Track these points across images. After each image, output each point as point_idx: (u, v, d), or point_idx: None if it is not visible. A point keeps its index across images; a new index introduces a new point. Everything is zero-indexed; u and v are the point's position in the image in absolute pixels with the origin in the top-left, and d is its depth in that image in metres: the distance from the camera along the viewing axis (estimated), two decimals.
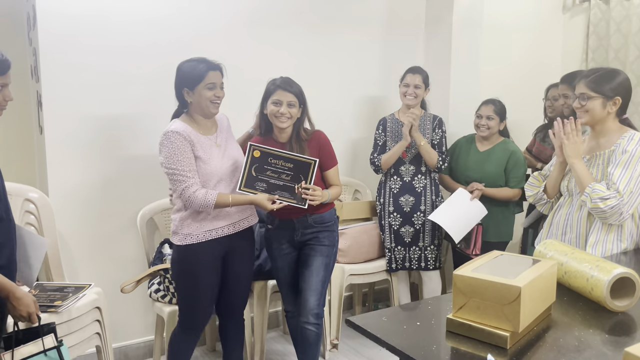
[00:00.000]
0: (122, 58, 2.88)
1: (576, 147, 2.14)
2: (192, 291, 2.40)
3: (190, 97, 2.32)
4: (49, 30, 2.70)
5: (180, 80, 2.34)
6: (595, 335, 1.42)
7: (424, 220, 3.28)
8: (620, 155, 2.04)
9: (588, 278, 1.58)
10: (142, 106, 2.95)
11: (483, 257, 1.54)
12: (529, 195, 2.45)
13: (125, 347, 3.07)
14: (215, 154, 2.36)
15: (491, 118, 3.17)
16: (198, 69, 2.29)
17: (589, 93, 2.11)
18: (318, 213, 2.53)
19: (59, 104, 2.76)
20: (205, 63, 2.32)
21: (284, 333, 3.52)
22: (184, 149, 2.26)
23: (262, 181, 2.39)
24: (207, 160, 2.32)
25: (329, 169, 2.56)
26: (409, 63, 3.41)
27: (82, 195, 2.86)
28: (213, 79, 2.31)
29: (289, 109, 2.44)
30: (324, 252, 2.56)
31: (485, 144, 3.26)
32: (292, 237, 2.57)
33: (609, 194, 1.98)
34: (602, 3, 3.89)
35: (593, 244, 2.08)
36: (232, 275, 2.49)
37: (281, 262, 2.64)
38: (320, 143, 2.52)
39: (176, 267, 2.42)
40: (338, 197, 2.62)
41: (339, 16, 3.55)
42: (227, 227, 2.40)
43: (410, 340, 1.38)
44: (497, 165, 3.18)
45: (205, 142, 2.34)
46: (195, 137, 2.31)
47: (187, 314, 2.44)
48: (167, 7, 2.98)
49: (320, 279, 2.55)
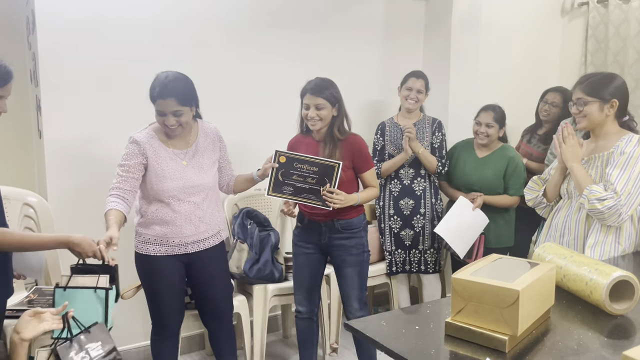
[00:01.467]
0: (121, 63, 2.88)
1: (574, 150, 2.15)
2: (155, 294, 2.43)
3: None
4: (49, 35, 2.71)
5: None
6: (594, 339, 1.42)
7: (423, 224, 3.28)
8: (618, 157, 2.05)
9: (587, 281, 1.58)
10: (141, 111, 2.94)
11: (481, 260, 1.53)
12: (528, 199, 2.44)
13: (125, 352, 3.06)
14: (174, 171, 2.34)
15: (490, 126, 3.13)
16: (151, 93, 2.25)
17: (585, 98, 2.12)
18: (345, 218, 2.54)
19: (58, 108, 2.77)
20: (158, 88, 2.22)
21: (283, 337, 3.52)
22: (133, 157, 2.29)
23: (289, 185, 2.43)
24: (161, 177, 2.31)
25: (364, 172, 2.56)
26: (409, 67, 3.42)
27: (81, 199, 2.85)
28: (162, 107, 2.24)
29: (317, 112, 2.46)
30: (354, 262, 2.57)
31: (483, 150, 3.23)
32: (319, 240, 2.59)
33: (606, 195, 1.98)
34: (600, 6, 3.90)
35: (592, 245, 2.08)
36: (200, 282, 2.50)
37: (302, 261, 2.65)
38: (354, 146, 2.53)
39: (138, 269, 2.45)
40: (373, 199, 2.63)
41: (338, 20, 3.56)
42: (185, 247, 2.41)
43: (409, 344, 1.38)
44: (496, 171, 3.15)
45: (166, 156, 2.34)
46: (156, 150, 2.32)
47: (155, 314, 2.47)
48: (167, 13, 2.98)
49: (357, 286, 2.61)
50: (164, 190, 2.32)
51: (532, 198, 2.41)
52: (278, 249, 3.10)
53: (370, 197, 2.59)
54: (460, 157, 3.30)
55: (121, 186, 2.28)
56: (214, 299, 2.54)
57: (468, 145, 3.32)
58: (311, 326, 2.74)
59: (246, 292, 3.06)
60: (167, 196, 2.33)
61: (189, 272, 2.46)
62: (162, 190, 2.32)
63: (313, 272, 2.66)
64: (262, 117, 3.35)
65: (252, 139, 3.30)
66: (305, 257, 2.65)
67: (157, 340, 2.50)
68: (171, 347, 2.53)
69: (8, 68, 1.74)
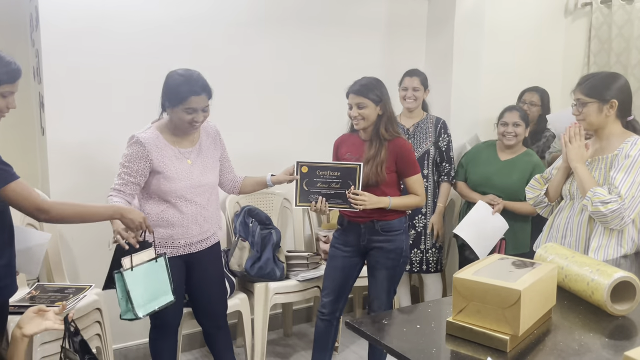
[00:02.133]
0: (124, 60, 2.89)
1: (579, 151, 2.13)
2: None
3: (169, 113, 2.29)
4: (52, 32, 2.71)
5: (164, 91, 2.28)
6: (595, 339, 1.42)
7: (425, 223, 3.27)
8: (622, 160, 2.04)
9: (588, 282, 1.58)
10: (144, 108, 2.95)
11: (483, 260, 1.54)
12: (529, 197, 2.43)
13: (126, 349, 3.07)
14: (181, 170, 2.32)
15: (518, 125, 3.09)
16: (181, 90, 2.20)
17: (584, 99, 2.11)
18: (385, 219, 2.52)
19: (61, 105, 2.77)
20: (189, 85, 2.20)
21: (284, 335, 3.52)
22: (137, 161, 2.24)
23: (315, 194, 2.44)
24: (168, 177, 2.28)
25: (408, 177, 2.54)
26: (411, 66, 3.41)
27: (84, 196, 2.85)
28: (194, 104, 2.21)
29: (359, 111, 2.47)
30: (388, 266, 2.55)
31: (507, 153, 3.18)
32: (358, 242, 2.57)
33: (610, 198, 1.97)
34: (603, 7, 3.89)
35: (595, 249, 2.07)
36: (200, 281, 2.48)
37: (337, 262, 2.63)
38: (398, 150, 2.50)
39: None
40: (413, 207, 2.59)
41: (340, 19, 3.56)
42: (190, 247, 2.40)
43: (410, 343, 1.38)
44: (520, 177, 3.06)
45: (172, 156, 2.31)
46: (162, 150, 2.28)
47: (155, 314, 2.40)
48: (169, 12, 2.99)
49: (385, 290, 2.58)
50: (172, 190, 2.29)
51: (534, 197, 2.40)
52: (279, 247, 3.11)
53: (410, 205, 2.54)
54: (481, 159, 3.25)
55: (122, 189, 2.25)
56: (209, 297, 2.54)
57: (490, 147, 3.26)
58: (329, 329, 2.69)
59: (247, 290, 3.07)
60: (174, 196, 2.30)
61: (188, 271, 2.45)
62: (169, 191, 2.29)
63: (346, 275, 2.62)
64: (264, 118, 3.35)
65: (254, 139, 3.31)
66: (341, 260, 2.61)
67: (156, 340, 2.48)
68: (171, 346, 2.52)
69: (17, 65, 1.77)
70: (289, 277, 3.10)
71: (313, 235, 3.57)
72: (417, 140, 3.25)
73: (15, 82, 1.79)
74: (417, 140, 3.25)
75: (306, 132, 3.51)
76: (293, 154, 3.40)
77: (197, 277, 2.47)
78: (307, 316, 3.72)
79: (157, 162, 2.27)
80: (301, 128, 3.49)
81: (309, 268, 3.16)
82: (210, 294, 2.54)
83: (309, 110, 3.51)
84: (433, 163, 3.28)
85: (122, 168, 2.27)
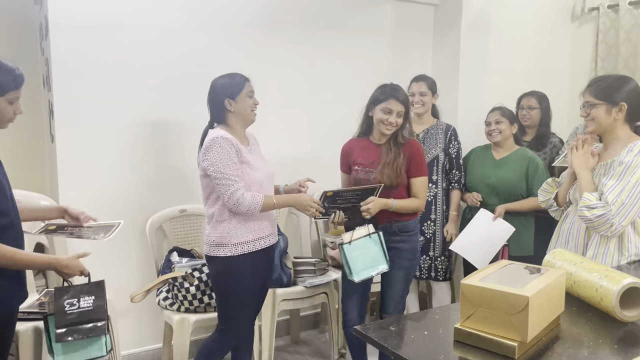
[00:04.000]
0: (132, 68, 2.91)
1: (584, 157, 2.12)
2: (240, 300, 2.41)
3: (233, 107, 2.37)
4: (61, 40, 2.74)
5: (220, 92, 2.38)
6: (604, 346, 1.41)
7: (434, 230, 3.26)
8: (617, 167, 2.03)
9: (597, 288, 1.57)
10: (151, 115, 2.98)
11: (491, 266, 1.53)
12: (541, 200, 2.44)
13: (134, 355, 3.08)
14: (257, 160, 2.43)
15: (499, 122, 3.12)
16: (237, 79, 2.39)
17: (592, 100, 2.09)
18: (403, 221, 2.59)
19: (70, 113, 2.80)
20: (239, 75, 2.41)
21: (292, 342, 3.52)
22: (231, 154, 2.29)
23: (333, 209, 2.50)
24: (254, 166, 2.37)
25: (414, 177, 2.59)
26: (417, 72, 3.42)
27: (92, 203, 2.87)
28: (250, 87, 2.41)
29: (397, 119, 2.51)
30: (405, 265, 2.62)
31: (500, 151, 3.19)
32: None
33: (596, 204, 1.97)
34: (611, 11, 3.88)
35: (591, 257, 2.06)
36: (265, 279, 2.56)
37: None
38: (412, 151, 2.57)
39: (224, 279, 2.39)
40: (414, 210, 2.62)
41: (346, 25, 3.57)
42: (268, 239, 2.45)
43: (418, 349, 1.38)
44: (516, 172, 3.09)
45: (245, 149, 2.40)
46: (238, 144, 2.36)
47: (231, 323, 2.44)
48: (176, 19, 3.01)
49: (399, 289, 2.64)
50: (256, 179, 2.36)
51: (545, 200, 2.41)
52: (287, 253, 3.11)
53: (410, 208, 2.58)
54: (477, 160, 3.27)
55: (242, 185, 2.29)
56: (261, 299, 2.60)
57: (485, 149, 3.29)
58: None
59: None
60: (257, 186, 2.36)
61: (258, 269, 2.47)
62: (255, 180, 2.35)
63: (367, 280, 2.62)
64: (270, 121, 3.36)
65: None
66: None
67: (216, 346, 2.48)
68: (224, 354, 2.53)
69: (20, 71, 1.81)
70: (296, 284, 3.10)
71: (320, 242, 3.57)
72: (427, 146, 3.25)
73: (20, 89, 1.82)
74: (427, 146, 3.25)
75: (311, 137, 3.52)
76: (295, 159, 3.42)
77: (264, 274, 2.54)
78: (314, 323, 3.72)
79: (242, 154, 2.35)
80: (306, 133, 3.50)
81: (316, 274, 3.15)
82: (261, 296, 2.60)
83: (314, 116, 3.52)
84: (442, 170, 3.28)
85: (228, 168, 2.27)
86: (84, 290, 1.95)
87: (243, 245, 2.35)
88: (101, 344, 1.96)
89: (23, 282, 1.92)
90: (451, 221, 3.27)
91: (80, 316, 1.93)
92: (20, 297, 1.92)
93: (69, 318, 1.91)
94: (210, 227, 2.38)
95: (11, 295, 1.86)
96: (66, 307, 1.92)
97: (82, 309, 1.93)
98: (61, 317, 1.91)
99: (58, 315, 1.91)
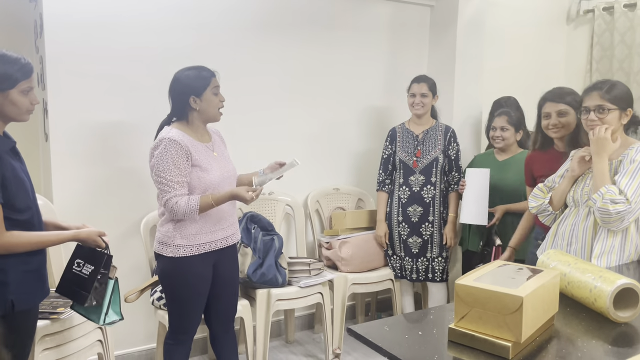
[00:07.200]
0: (128, 66, 2.91)
1: (605, 142, 2.08)
2: (185, 300, 2.38)
3: (198, 105, 2.30)
4: (56, 39, 2.73)
5: (184, 88, 2.29)
6: (598, 346, 1.41)
7: (432, 231, 3.26)
8: (628, 165, 2.05)
9: (591, 289, 1.57)
10: (147, 114, 2.97)
11: (486, 266, 1.53)
12: (532, 206, 2.42)
13: (127, 355, 3.07)
14: (212, 161, 2.34)
15: (505, 129, 3.11)
16: (202, 75, 2.30)
17: (607, 105, 2.09)
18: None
19: (65, 111, 2.78)
20: (206, 70, 2.33)
21: (286, 342, 3.51)
22: (176, 159, 2.22)
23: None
24: (207, 169, 2.30)
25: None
26: (414, 72, 3.43)
27: (86, 202, 2.87)
28: (216, 82, 2.34)
29: (559, 119, 2.47)
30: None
31: (502, 154, 3.20)
32: None
33: (620, 199, 1.98)
34: (606, 14, 3.90)
35: (598, 255, 2.07)
36: (221, 282, 2.48)
37: None
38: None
39: (168, 278, 2.38)
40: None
41: (343, 25, 3.58)
42: (216, 243, 2.39)
43: (412, 350, 1.37)
44: (517, 174, 3.06)
45: (202, 150, 2.33)
46: (192, 145, 2.29)
47: (178, 322, 2.43)
48: (172, 19, 3.01)
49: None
50: (209, 182, 2.29)
51: (537, 205, 2.40)
52: (282, 253, 3.10)
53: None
54: (480, 164, 3.26)
55: (182, 192, 2.23)
56: (227, 298, 2.53)
57: (487, 154, 3.30)
58: None
59: (249, 296, 3.06)
60: (211, 188, 2.30)
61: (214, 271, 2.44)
62: (207, 183, 2.29)
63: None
64: (266, 120, 3.36)
65: (258, 144, 3.31)
66: None
67: (172, 344, 2.45)
68: (185, 351, 2.48)
69: (26, 60, 1.82)
70: (291, 284, 3.10)
71: (315, 242, 3.57)
72: (426, 147, 3.25)
73: (31, 77, 1.82)
74: (426, 148, 3.25)
75: (309, 137, 3.52)
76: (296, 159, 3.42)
77: (218, 275, 2.46)
78: (309, 323, 3.71)
79: (195, 155, 2.27)
80: (303, 133, 3.50)
81: (311, 275, 3.15)
82: (228, 295, 2.53)
83: (312, 116, 3.52)
84: (442, 171, 3.28)
85: (168, 173, 2.22)
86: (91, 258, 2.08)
87: (185, 247, 2.30)
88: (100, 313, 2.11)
89: (45, 278, 1.93)
90: (450, 223, 3.27)
91: (76, 278, 2.08)
92: (42, 292, 1.95)
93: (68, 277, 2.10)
94: (159, 224, 2.37)
95: (34, 291, 1.89)
96: (74, 265, 2.09)
97: (80, 274, 2.08)
98: (67, 270, 2.10)
99: (66, 269, 2.11)
